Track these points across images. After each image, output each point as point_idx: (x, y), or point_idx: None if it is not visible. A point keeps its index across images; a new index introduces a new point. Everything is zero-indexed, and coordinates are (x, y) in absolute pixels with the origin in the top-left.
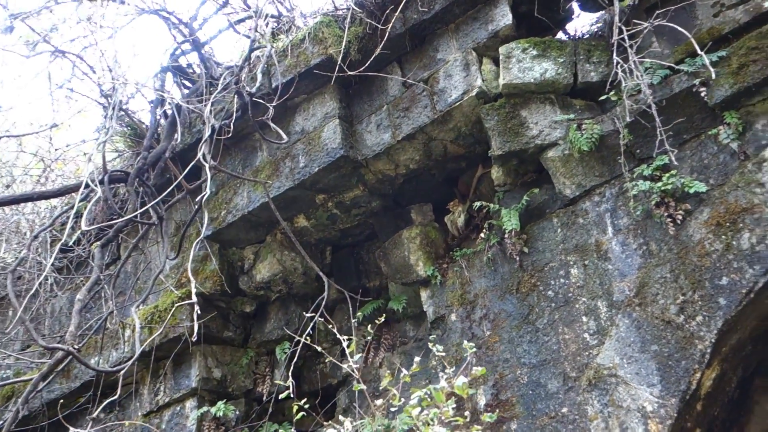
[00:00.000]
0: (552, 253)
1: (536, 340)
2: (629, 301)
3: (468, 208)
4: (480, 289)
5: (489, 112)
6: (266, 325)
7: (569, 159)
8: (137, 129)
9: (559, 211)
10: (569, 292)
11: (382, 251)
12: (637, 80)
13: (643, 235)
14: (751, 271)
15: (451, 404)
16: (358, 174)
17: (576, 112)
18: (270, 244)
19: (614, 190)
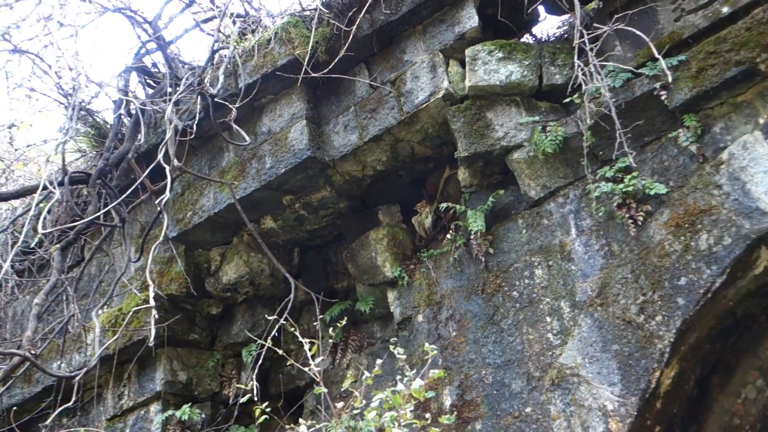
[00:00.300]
0: (517, 254)
1: (501, 341)
2: (591, 302)
3: (435, 209)
4: (446, 290)
5: (455, 113)
6: (233, 327)
7: (534, 161)
8: (101, 129)
9: (524, 213)
10: (533, 293)
11: (349, 252)
12: (597, 83)
13: (605, 236)
14: (708, 272)
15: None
16: (325, 175)
17: (541, 114)
18: (236, 246)
19: (578, 192)
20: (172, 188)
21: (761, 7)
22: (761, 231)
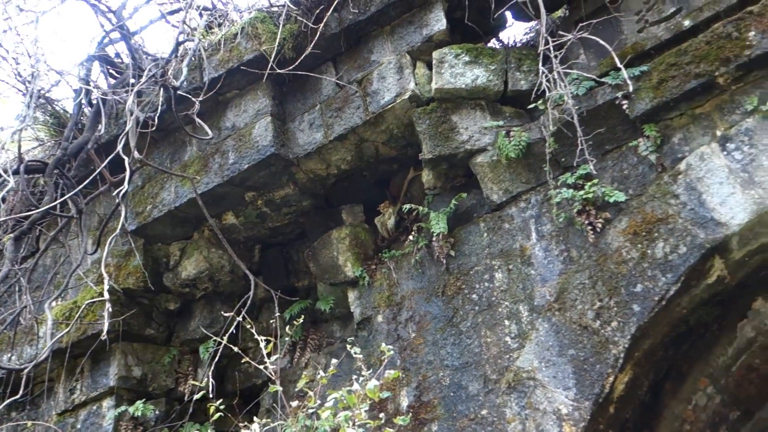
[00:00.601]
0: (478, 257)
1: (459, 343)
2: (549, 306)
3: (398, 210)
4: (407, 291)
5: (421, 115)
6: (190, 323)
7: (497, 165)
8: (60, 118)
9: (486, 216)
10: (493, 296)
11: (311, 251)
12: (561, 90)
13: (564, 242)
14: (663, 279)
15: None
16: (289, 172)
17: (505, 119)
18: (197, 241)
19: (539, 197)
20: (131, 181)
21: (721, 21)
22: (715, 241)
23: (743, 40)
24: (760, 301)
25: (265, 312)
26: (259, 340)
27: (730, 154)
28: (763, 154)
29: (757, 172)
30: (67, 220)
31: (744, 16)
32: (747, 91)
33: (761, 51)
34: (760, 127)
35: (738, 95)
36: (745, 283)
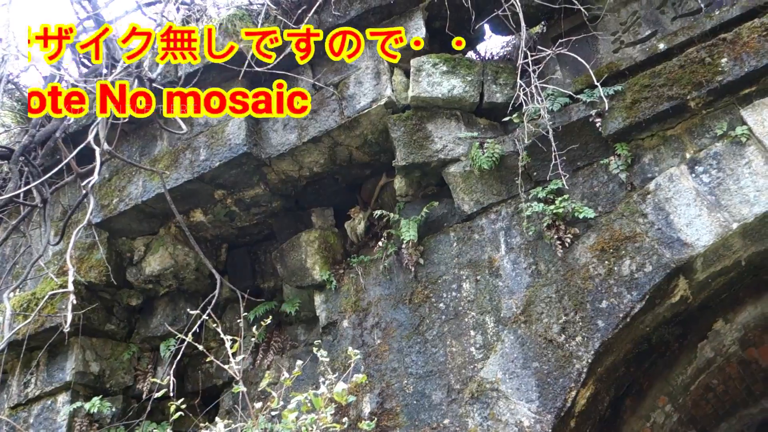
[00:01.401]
0: (446, 266)
1: (425, 351)
2: (516, 318)
3: (369, 215)
4: (374, 297)
5: (396, 122)
6: (152, 320)
7: (470, 176)
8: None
9: (456, 226)
10: (460, 306)
11: (279, 252)
12: (537, 105)
13: (533, 255)
14: (629, 297)
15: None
16: (260, 172)
17: (480, 130)
18: (163, 237)
19: (510, 210)
20: (100, 172)
21: (695, 47)
22: (681, 261)
23: (716, 66)
24: (720, 323)
25: (230, 312)
26: (225, 340)
27: (699, 177)
28: (730, 178)
29: (723, 195)
30: (30, 209)
31: (717, 43)
32: (717, 116)
33: (732, 77)
34: (728, 151)
35: (708, 119)
36: (706, 305)
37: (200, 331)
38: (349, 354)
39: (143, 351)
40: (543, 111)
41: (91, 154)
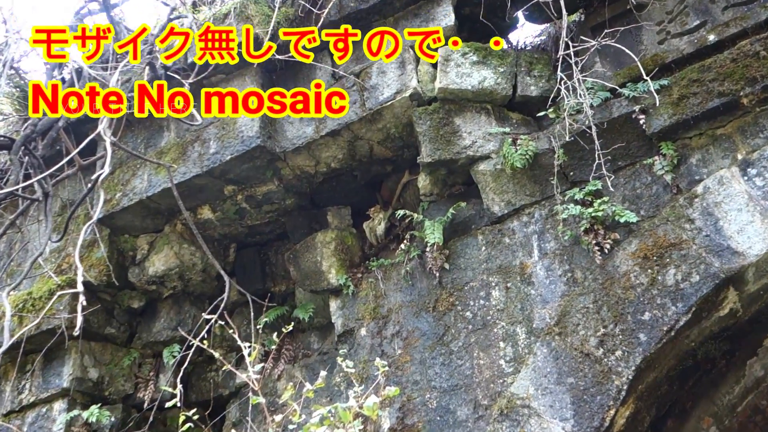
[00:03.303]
0: (474, 272)
1: (449, 363)
2: (549, 330)
3: (390, 215)
4: (394, 304)
5: (421, 115)
6: (155, 324)
7: (501, 174)
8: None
9: (485, 229)
10: (488, 315)
11: (292, 254)
12: (579, 99)
13: (569, 262)
14: (673, 309)
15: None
16: (274, 167)
17: (512, 125)
18: (168, 235)
19: (544, 212)
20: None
21: (748, 39)
22: (731, 271)
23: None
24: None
25: (237, 317)
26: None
27: (751, 180)
28: None
29: None
30: (30, 203)
31: None
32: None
33: None
34: None
35: (762, 118)
36: (757, 319)
37: (207, 336)
38: (376, 364)
39: (145, 357)
40: (585, 106)
41: (91, 145)
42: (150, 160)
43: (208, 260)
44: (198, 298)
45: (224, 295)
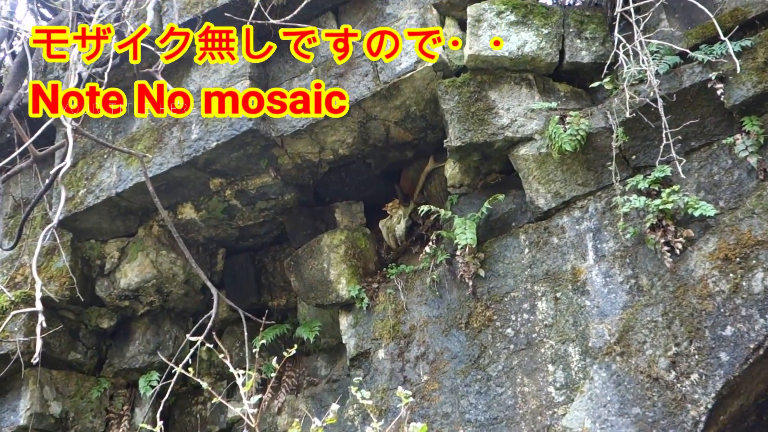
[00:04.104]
0: (515, 280)
1: (487, 392)
2: (609, 349)
3: (411, 212)
4: (419, 320)
5: (448, 89)
6: (128, 347)
7: (546, 160)
8: None
9: (528, 226)
10: (534, 332)
11: (293, 260)
12: (642, 66)
13: (632, 266)
14: (762, 322)
15: None
16: (269, 155)
17: (559, 99)
18: (143, 240)
19: (600, 205)
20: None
21: None
22: None
23: None
24: None
25: (228, 337)
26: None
27: None
28: None
29: None
30: None
31: None
32: None
33: None
34: None
35: None
36: None
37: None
38: (398, 395)
39: (117, 387)
40: (649, 74)
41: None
42: (119, 149)
43: (191, 269)
44: (180, 315)
45: (212, 312)
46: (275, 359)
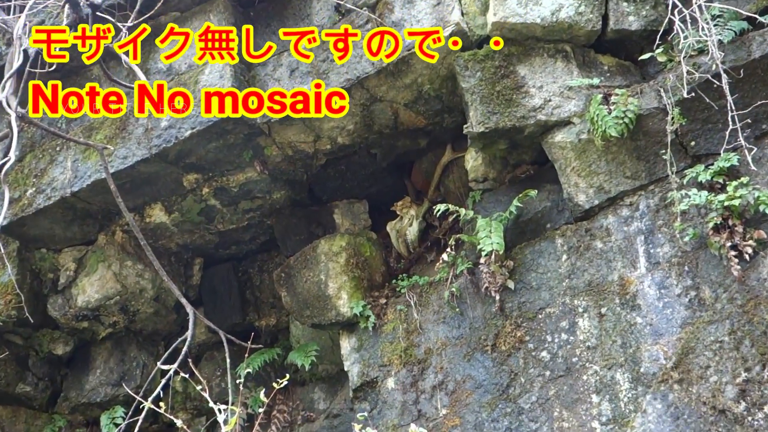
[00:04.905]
0: (551, 293)
1: (518, 428)
2: (665, 376)
3: (425, 212)
4: (436, 342)
5: (469, 64)
6: (88, 378)
7: (587, 148)
8: None
9: (566, 228)
10: (574, 356)
11: (284, 272)
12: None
13: (691, 275)
14: None
15: None
16: (254, 145)
17: (603, 75)
18: (104, 249)
19: (653, 202)
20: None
21: None
22: None
23: None
24: None
25: (207, 365)
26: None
27: None
28: None
29: None
30: None
31: None
32: None
33: None
34: None
35: None
36: None
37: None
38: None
39: (74, 426)
40: (710, 44)
41: None
42: (75, 141)
43: (162, 283)
44: (149, 338)
45: (187, 334)
46: (263, 391)
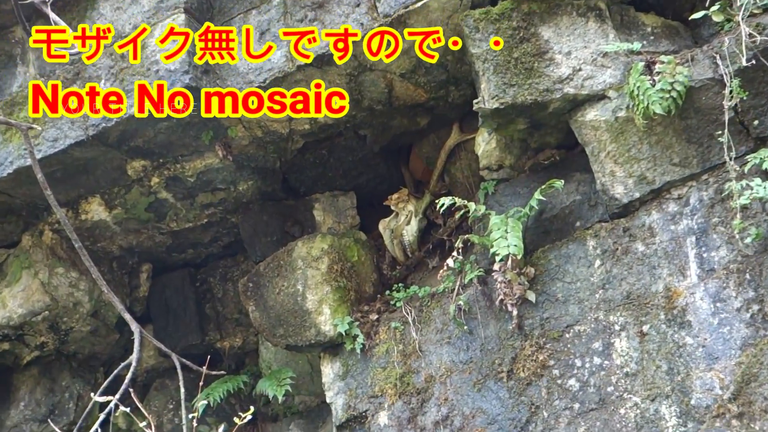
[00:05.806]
0: (581, 307)
1: None
2: (721, 409)
3: (427, 207)
4: (439, 368)
5: (480, 24)
6: (9, 412)
7: (626, 128)
8: None
9: (599, 227)
10: (609, 384)
11: (252, 281)
12: None
13: (755, 284)
14: None
15: None
16: (215, 125)
17: (645, 38)
18: (29, 252)
19: (707, 195)
20: None
21: None
22: None
23: None
24: None
25: (158, 395)
26: None
27: None
28: None
29: None
30: None
31: None
32: None
33: None
34: None
35: None
36: None
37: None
38: None
39: None
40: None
41: None
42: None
43: (101, 295)
44: (85, 364)
45: (132, 358)
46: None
